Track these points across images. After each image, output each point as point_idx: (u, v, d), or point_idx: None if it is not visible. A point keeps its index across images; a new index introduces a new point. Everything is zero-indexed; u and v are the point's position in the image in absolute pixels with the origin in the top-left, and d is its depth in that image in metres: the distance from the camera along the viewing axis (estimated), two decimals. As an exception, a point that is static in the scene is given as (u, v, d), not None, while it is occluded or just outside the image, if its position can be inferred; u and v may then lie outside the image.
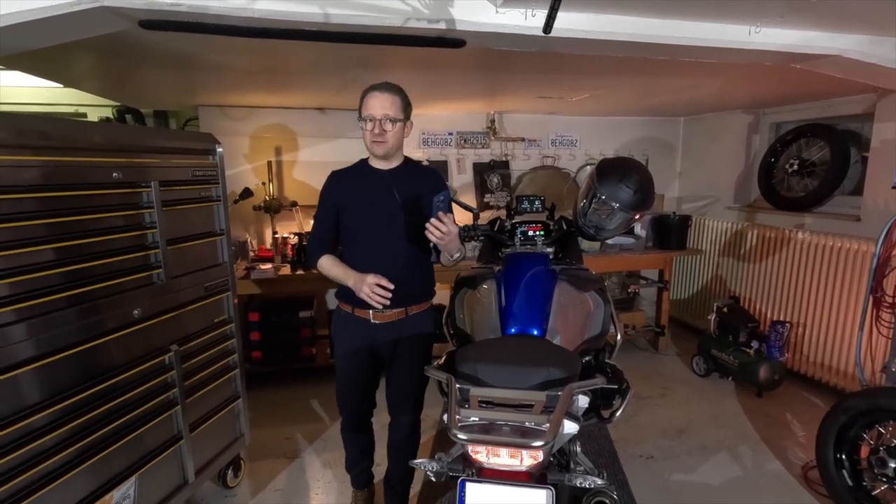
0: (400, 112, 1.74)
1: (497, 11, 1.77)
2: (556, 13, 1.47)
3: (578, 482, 1.35)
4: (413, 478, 2.14)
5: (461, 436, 1.19)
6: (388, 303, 1.74)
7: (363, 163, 1.91)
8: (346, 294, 1.86)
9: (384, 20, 1.71)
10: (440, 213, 1.60)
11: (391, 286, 1.71)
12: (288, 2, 1.61)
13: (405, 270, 1.81)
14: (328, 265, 1.85)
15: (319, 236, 1.90)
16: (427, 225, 1.62)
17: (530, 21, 1.79)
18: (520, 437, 1.19)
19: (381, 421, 2.10)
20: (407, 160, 1.92)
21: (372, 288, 1.71)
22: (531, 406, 1.25)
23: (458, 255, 1.79)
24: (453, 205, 1.78)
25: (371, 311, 1.82)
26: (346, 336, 1.91)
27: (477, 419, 1.24)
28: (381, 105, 1.71)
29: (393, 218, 1.80)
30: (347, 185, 1.86)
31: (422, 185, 1.84)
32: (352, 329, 1.89)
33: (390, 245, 1.81)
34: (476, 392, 1.29)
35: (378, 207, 1.81)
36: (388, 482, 2.13)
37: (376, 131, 1.72)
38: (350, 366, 1.93)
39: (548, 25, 1.53)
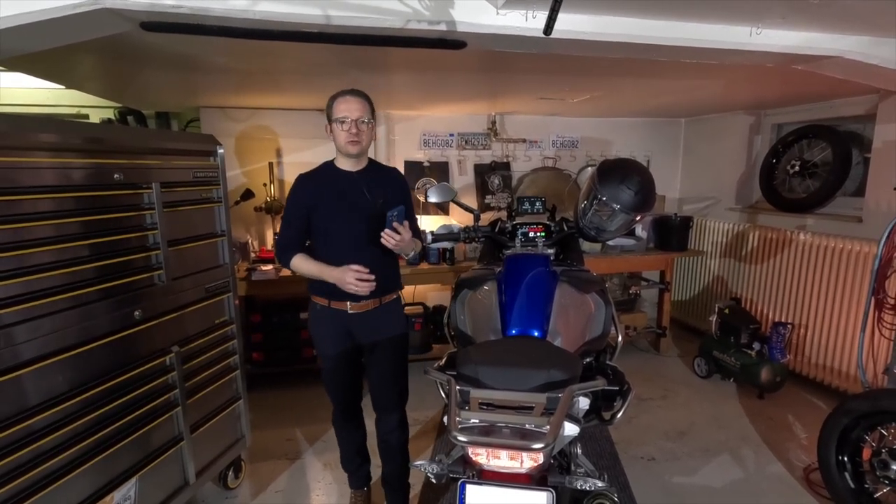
0: (370, 115, 1.87)
1: (498, 13, 1.77)
2: (556, 14, 1.47)
3: (579, 484, 1.35)
4: (409, 474, 2.16)
5: (461, 438, 1.19)
6: (373, 287, 1.84)
7: (330, 165, 1.96)
8: (320, 288, 1.92)
9: (385, 22, 1.71)
10: (395, 224, 1.76)
11: (372, 276, 1.82)
12: (289, 4, 1.61)
13: (378, 265, 1.88)
14: (302, 263, 1.91)
15: (290, 237, 1.94)
16: (382, 235, 1.77)
17: (531, 22, 1.79)
18: (520, 440, 1.19)
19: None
20: (371, 161, 1.99)
21: (358, 277, 1.79)
22: (532, 408, 1.25)
23: (412, 253, 1.95)
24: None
25: (348, 302, 1.89)
26: (325, 329, 1.97)
27: (477, 421, 1.24)
28: (355, 108, 1.83)
29: (365, 216, 1.88)
30: (319, 186, 1.92)
31: (388, 183, 1.98)
32: (330, 321, 1.94)
33: (364, 242, 1.88)
34: (476, 394, 1.29)
35: (351, 207, 1.89)
36: (385, 482, 2.15)
37: (353, 131, 1.82)
38: (333, 362, 1.99)
39: (548, 27, 1.52)
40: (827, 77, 2.36)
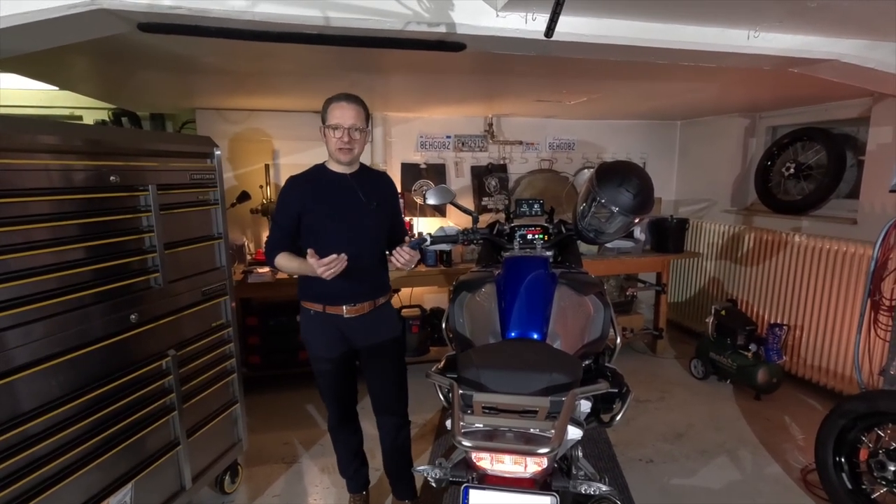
0: (364, 123, 1.85)
1: (497, 15, 1.77)
2: (558, 17, 1.46)
3: (583, 489, 1.35)
4: (412, 466, 2.19)
5: (466, 443, 1.18)
6: (344, 265, 1.69)
7: (323, 168, 1.95)
8: (313, 294, 1.91)
9: (384, 24, 1.70)
10: (405, 248, 1.79)
11: (343, 255, 1.68)
12: (288, 5, 1.60)
13: (372, 266, 1.92)
14: (285, 261, 1.88)
15: (279, 239, 1.91)
16: (393, 254, 1.80)
17: (531, 25, 1.79)
18: (525, 444, 1.18)
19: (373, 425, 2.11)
20: (362, 165, 1.98)
21: (329, 265, 1.65)
22: (535, 412, 1.24)
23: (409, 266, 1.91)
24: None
25: (344, 307, 1.89)
26: (319, 335, 1.96)
27: (481, 426, 1.23)
28: (349, 116, 1.79)
29: (360, 218, 1.89)
30: (312, 189, 1.89)
31: (381, 186, 1.99)
32: (324, 327, 1.93)
33: (358, 244, 1.87)
34: (479, 398, 1.28)
35: (346, 208, 1.88)
36: (390, 474, 2.19)
37: (345, 139, 1.80)
38: (329, 365, 1.98)
39: (549, 29, 1.52)
40: (822, 80, 2.37)
